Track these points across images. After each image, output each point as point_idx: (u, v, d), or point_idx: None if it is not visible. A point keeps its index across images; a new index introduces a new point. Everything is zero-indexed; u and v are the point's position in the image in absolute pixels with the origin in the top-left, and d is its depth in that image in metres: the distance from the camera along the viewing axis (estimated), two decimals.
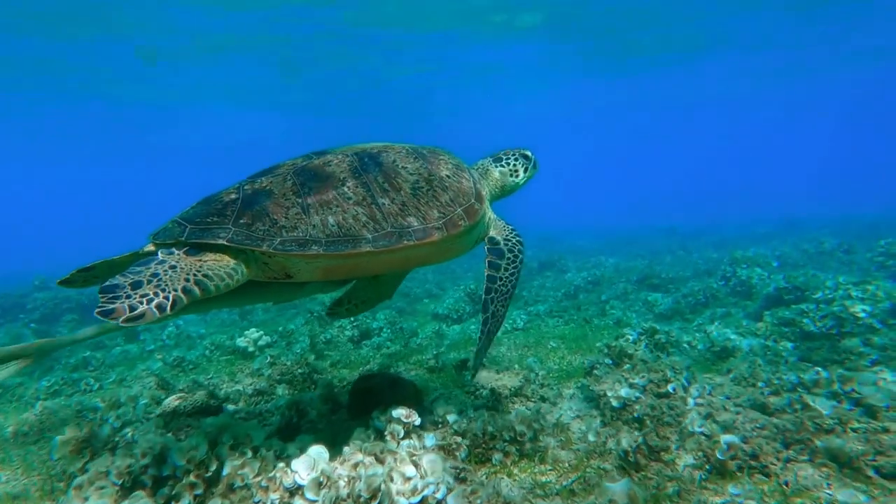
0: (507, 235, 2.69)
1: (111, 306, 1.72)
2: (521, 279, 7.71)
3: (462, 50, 19.74)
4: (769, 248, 12.64)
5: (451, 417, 2.70)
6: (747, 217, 25.61)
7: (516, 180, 2.95)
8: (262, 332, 5.25)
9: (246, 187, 2.32)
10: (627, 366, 3.34)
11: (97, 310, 1.70)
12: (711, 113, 42.44)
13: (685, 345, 4.35)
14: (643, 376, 3.05)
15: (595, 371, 3.48)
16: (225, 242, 2.07)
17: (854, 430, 2.48)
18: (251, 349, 5.07)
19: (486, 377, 3.59)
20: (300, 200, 2.22)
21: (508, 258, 2.59)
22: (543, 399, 3.28)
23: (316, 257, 2.16)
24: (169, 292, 1.83)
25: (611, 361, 3.47)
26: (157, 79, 20.22)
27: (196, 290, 1.89)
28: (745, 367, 3.56)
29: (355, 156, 2.45)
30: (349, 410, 3.06)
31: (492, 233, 2.70)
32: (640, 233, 21.56)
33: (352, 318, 5.62)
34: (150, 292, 1.81)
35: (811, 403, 2.75)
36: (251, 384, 4.09)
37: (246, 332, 5.13)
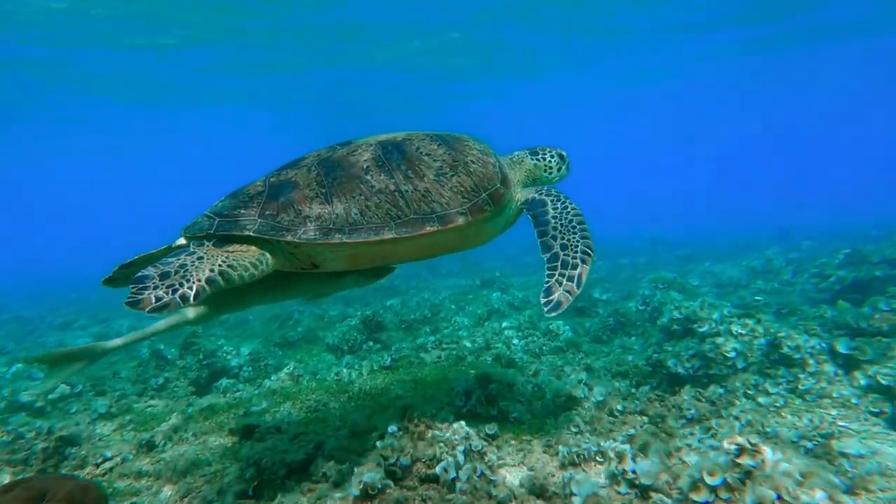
0: (536, 190, 2.72)
1: (140, 297, 1.80)
2: (424, 302, 7.21)
3: None
4: (732, 262, 12.38)
5: None
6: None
7: (549, 176, 3.00)
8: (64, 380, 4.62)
9: (272, 179, 2.38)
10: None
11: (126, 300, 1.78)
12: None
13: (521, 396, 3.83)
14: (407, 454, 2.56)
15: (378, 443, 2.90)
16: (251, 233, 2.14)
17: None
18: (40, 404, 4.21)
19: None
20: (324, 190, 2.28)
21: (551, 199, 2.60)
22: None
23: (340, 245, 2.21)
24: (193, 282, 1.90)
25: (396, 428, 2.98)
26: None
27: (220, 279, 1.95)
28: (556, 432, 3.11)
29: (379, 145, 2.49)
30: None
31: (522, 197, 2.72)
32: (625, 244, 21.09)
33: (201, 356, 5.11)
34: (176, 282, 1.88)
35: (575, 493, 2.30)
36: None
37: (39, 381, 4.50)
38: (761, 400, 3.79)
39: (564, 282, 2.30)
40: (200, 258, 2.04)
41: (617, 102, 31.96)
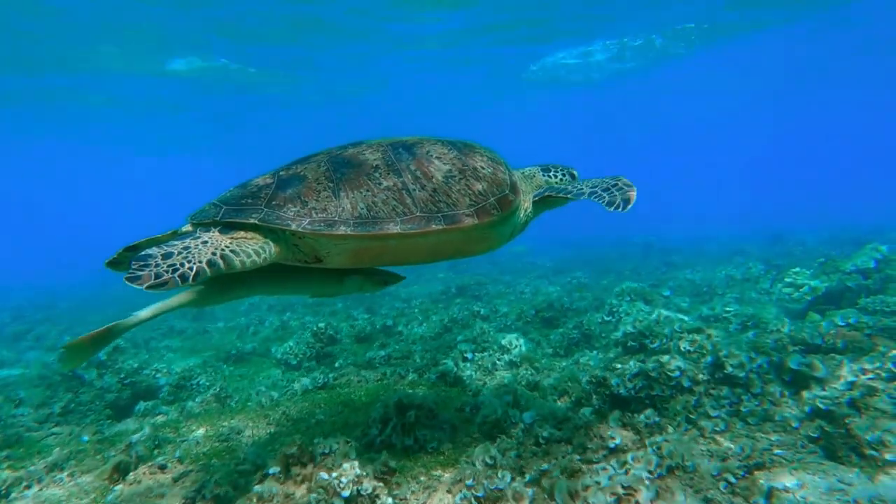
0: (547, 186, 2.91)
1: (140, 273, 1.84)
2: (391, 311, 6.82)
3: None
4: (717, 269, 12.17)
5: None
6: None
7: None
8: None
9: (281, 173, 2.42)
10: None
11: (126, 276, 1.82)
12: None
13: (445, 423, 3.54)
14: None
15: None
16: (256, 222, 2.17)
17: None
18: None
19: None
20: (332, 185, 2.31)
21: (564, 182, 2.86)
22: None
23: (344, 238, 2.22)
24: (194, 264, 1.93)
25: (277, 469, 2.70)
26: None
27: (221, 263, 1.99)
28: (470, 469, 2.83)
29: (389, 146, 2.53)
30: None
31: (532, 199, 2.79)
32: (617, 248, 20.79)
33: (122, 376, 4.80)
34: (177, 262, 1.92)
35: None
36: None
37: None
38: (703, 423, 3.53)
39: (620, 193, 2.43)
40: (205, 242, 2.08)
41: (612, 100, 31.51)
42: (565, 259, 18.17)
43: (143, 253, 1.97)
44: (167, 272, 1.86)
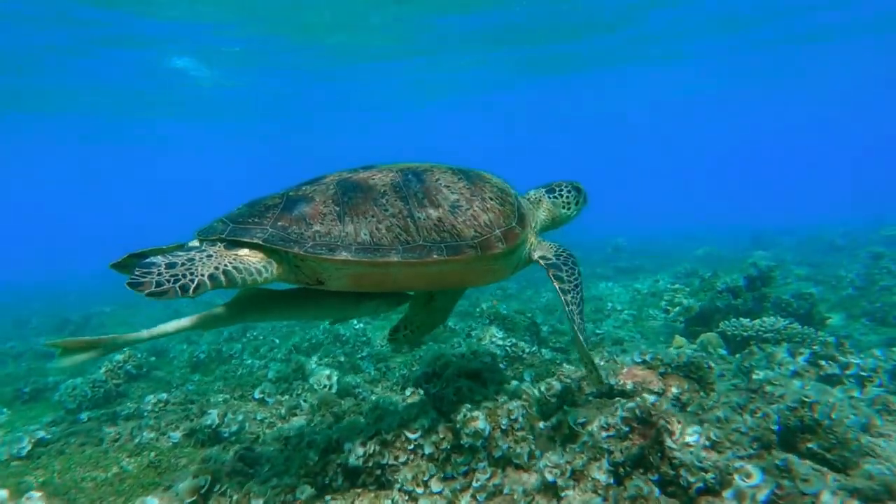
0: (556, 251, 2.77)
1: (141, 280, 1.90)
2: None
3: None
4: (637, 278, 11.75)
5: None
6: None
7: (568, 212, 3.10)
8: None
9: (290, 193, 2.46)
10: None
11: (128, 281, 1.90)
12: None
13: None
14: None
15: None
16: (260, 242, 2.22)
17: None
18: None
19: None
20: (338, 208, 2.34)
21: (568, 268, 2.65)
22: None
23: (345, 263, 2.26)
24: (196, 276, 1.98)
25: None
26: None
27: (222, 278, 2.05)
28: None
29: (399, 171, 2.56)
30: None
31: (539, 253, 2.76)
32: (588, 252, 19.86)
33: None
34: (179, 273, 1.97)
35: None
36: None
37: None
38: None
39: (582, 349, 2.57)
40: (209, 256, 2.12)
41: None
42: None
43: (147, 260, 2.03)
44: (168, 281, 1.91)
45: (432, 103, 28.57)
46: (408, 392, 4.93)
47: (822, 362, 4.69)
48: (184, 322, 2.43)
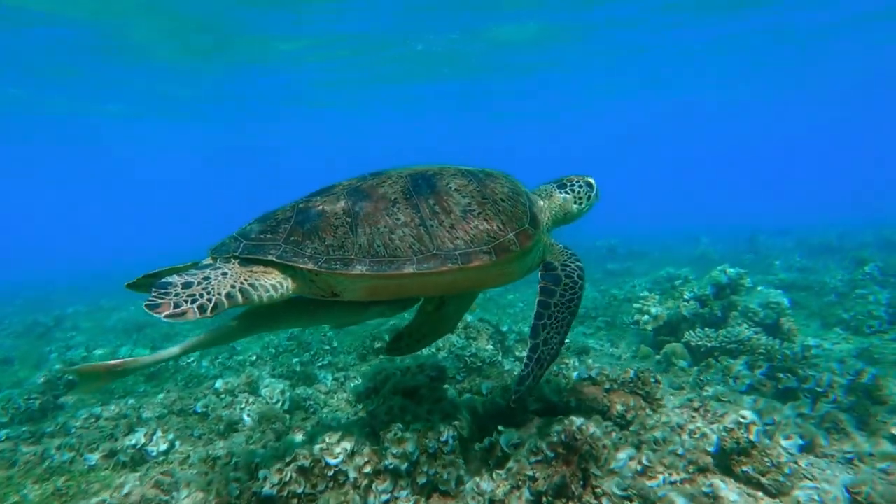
0: (564, 261, 2.64)
1: (159, 302, 1.89)
2: None
3: None
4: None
5: None
6: None
7: (580, 207, 2.98)
8: None
9: (300, 206, 2.45)
10: None
11: (146, 303, 1.88)
12: None
13: None
14: None
15: None
16: (274, 259, 2.22)
17: None
18: None
19: None
20: (349, 220, 2.32)
21: (565, 284, 2.51)
22: None
23: (360, 277, 2.23)
24: (213, 295, 1.98)
25: None
26: None
27: (239, 296, 2.04)
28: None
29: (409, 177, 2.51)
30: None
31: (548, 258, 2.67)
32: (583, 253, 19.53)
33: None
34: (196, 293, 1.96)
35: None
36: None
37: None
38: None
39: (529, 381, 2.40)
40: (225, 274, 2.13)
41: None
42: None
43: (163, 280, 2.01)
44: (186, 302, 1.90)
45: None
46: (360, 406, 4.75)
47: (781, 375, 4.61)
48: (202, 338, 2.47)
